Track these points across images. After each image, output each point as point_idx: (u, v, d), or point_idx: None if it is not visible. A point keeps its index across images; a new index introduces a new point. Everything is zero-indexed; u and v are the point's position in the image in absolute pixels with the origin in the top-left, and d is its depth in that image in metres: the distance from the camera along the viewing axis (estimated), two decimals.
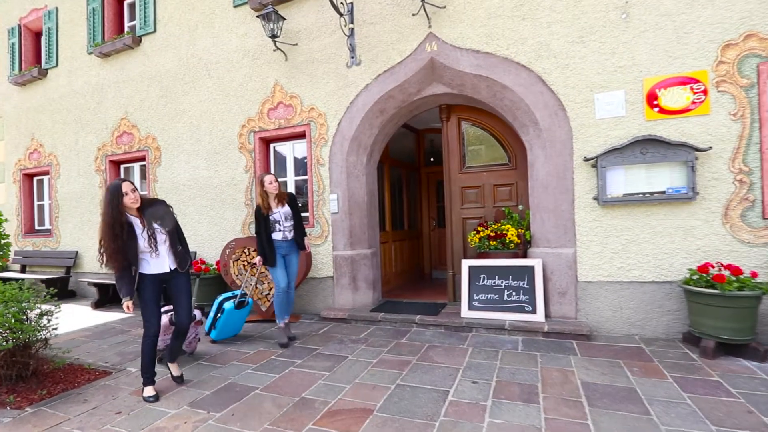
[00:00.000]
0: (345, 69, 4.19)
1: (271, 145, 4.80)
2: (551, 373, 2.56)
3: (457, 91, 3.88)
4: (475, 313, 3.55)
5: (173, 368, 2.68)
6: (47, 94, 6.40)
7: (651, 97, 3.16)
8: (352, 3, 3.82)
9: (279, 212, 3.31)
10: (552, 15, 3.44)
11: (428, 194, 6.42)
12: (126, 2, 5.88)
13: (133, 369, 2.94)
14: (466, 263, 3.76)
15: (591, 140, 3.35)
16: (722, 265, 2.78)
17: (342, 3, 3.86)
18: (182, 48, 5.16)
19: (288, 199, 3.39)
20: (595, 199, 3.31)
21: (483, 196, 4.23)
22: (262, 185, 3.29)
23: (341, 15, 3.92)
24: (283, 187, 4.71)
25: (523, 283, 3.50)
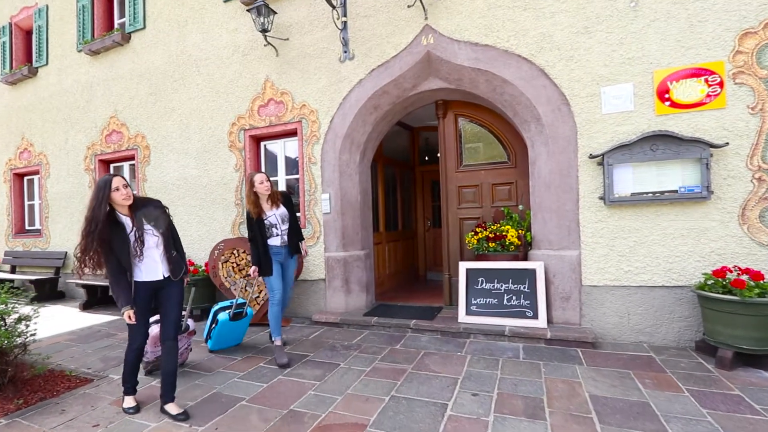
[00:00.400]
0: (338, 64, 4.02)
1: (262, 143, 4.63)
2: (556, 384, 2.37)
3: (454, 86, 3.70)
4: (474, 318, 3.36)
5: (171, 408, 2.18)
6: (37, 93, 6.27)
7: (662, 90, 2.97)
8: None
9: (274, 215, 3.00)
10: (555, 4, 3.25)
11: (423, 194, 6.23)
12: None
13: (116, 376, 2.77)
14: (463, 266, 3.57)
15: (597, 136, 3.16)
16: (740, 270, 2.58)
17: None
18: (172, 44, 5.00)
19: (283, 199, 3.09)
20: (601, 198, 3.12)
21: (481, 196, 4.04)
22: (252, 185, 2.94)
23: (334, 7, 3.75)
24: (274, 187, 4.55)
25: (524, 287, 3.31)
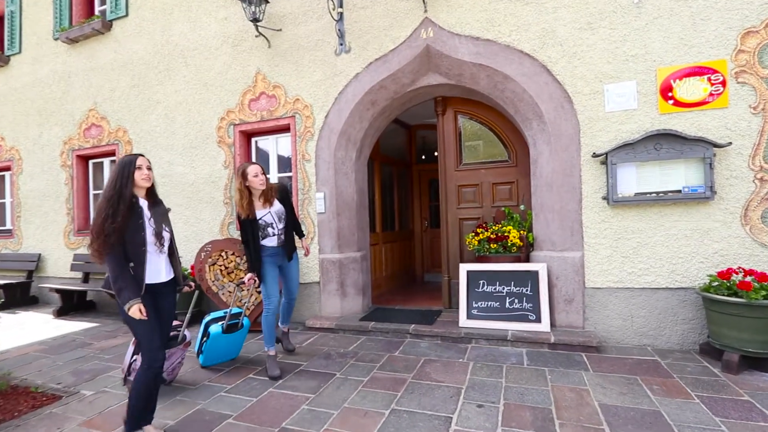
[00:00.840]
0: (333, 57, 3.86)
1: (253, 139, 4.43)
2: (564, 393, 2.28)
3: (454, 81, 3.59)
4: (475, 323, 3.25)
5: (149, 430, 1.93)
6: (9, 83, 5.88)
7: (665, 88, 2.92)
8: None
9: (269, 213, 2.69)
10: None
11: (420, 193, 6.12)
12: None
13: (88, 392, 2.55)
14: (464, 268, 3.46)
15: (600, 135, 3.09)
16: (744, 271, 2.55)
17: None
18: (156, 33, 4.75)
19: (279, 194, 2.76)
20: (605, 198, 3.06)
21: (481, 195, 3.95)
22: (245, 178, 2.58)
23: None
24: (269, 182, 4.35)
25: (527, 290, 3.22)
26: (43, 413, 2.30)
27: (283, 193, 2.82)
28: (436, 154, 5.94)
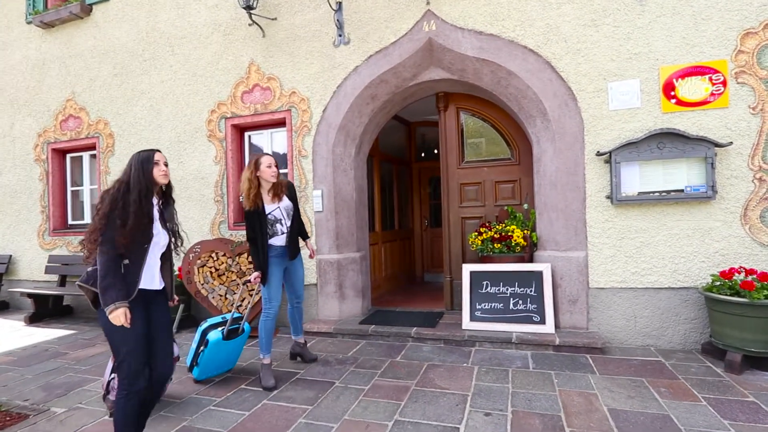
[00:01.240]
0: (332, 48, 3.72)
1: (246, 134, 4.23)
2: (572, 397, 2.23)
3: (457, 76, 3.51)
4: (478, 325, 3.19)
5: None
6: None
7: (668, 87, 2.91)
8: None
9: (278, 208, 2.54)
10: None
11: (420, 191, 6.03)
12: None
13: (59, 410, 2.32)
14: (467, 268, 3.39)
15: (603, 133, 3.07)
16: (745, 270, 2.56)
17: None
18: (141, 20, 4.48)
19: (288, 191, 2.63)
20: (608, 197, 3.04)
21: (483, 194, 3.88)
22: (257, 168, 2.45)
23: None
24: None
25: (531, 291, 3.17)
26: None
27: (291, 191, 2.70)
28: (437, 151, 5.88)
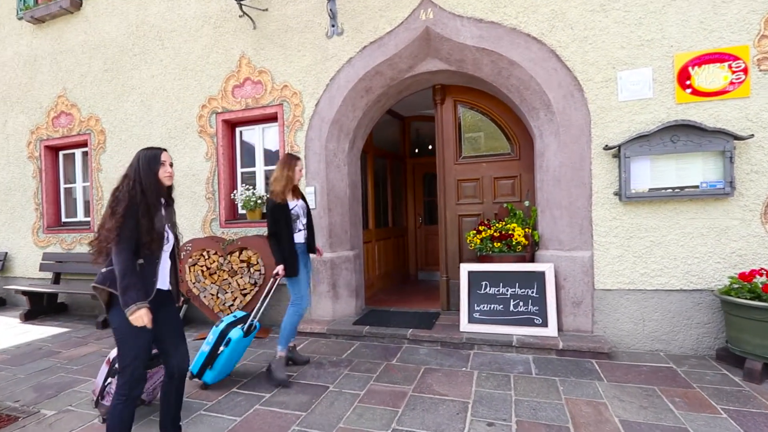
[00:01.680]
0: (324, 40, 3.56)
1: (237, 129, 4.10)
2: (580, 407, 2.08)
3: (455, 67, 3.33)
4: (477, 327, 3.04)
5: None
6: None
7: (683, 76, 2.72)
8: None
9: (297, 205, 2.65)
10: None
11: (414, 188, 5.87)
12: None
13: (49, 412, 2.25)
14: (465, 268, 3.24)
15: (612, 126, 2.88)
16: (766, 272, 2.38)
17: None
18: (131, 13, 4.36)
19: (300, 193, 2.78)
20: (617, 194, 2.86)
21: (482, 191, 3.72)
22: (290, 168, 2.57)
23: None
24: (252, 179, 4.06)
25: (532, 292, 3.02)
26: None
27: (301, 192, 2.80)
28: (431, 147, 5.72)
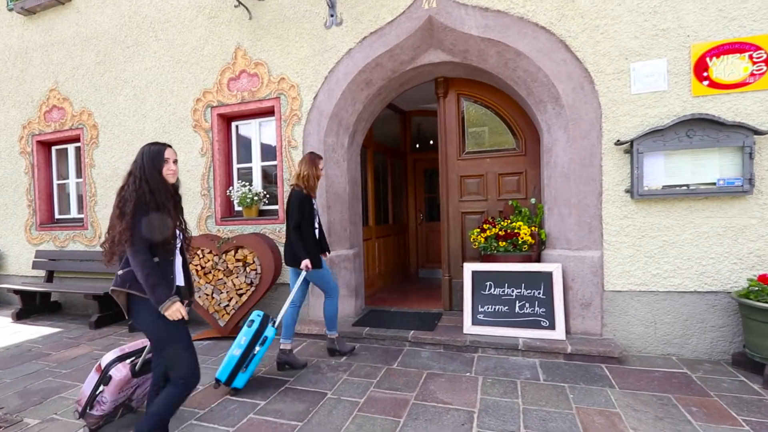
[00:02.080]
0: (323, 30, 3.42)
1: (233, 124, 3.97)
2: (591, 417, 1.96)
3: (459, 59, 3.20)
4: (481, 329, 2.93)
5: None
6: None
7: (700, 67, 2.58)
8: None
9: (316, 204, 2.82)
10: None
11: (415, 184, 5.74)
12: None
13: (32, 421, 2.13)
14: (468, 267, 3.12)
15: (624, 120, 2.75)
16: None
17: None
18: (123, 4, 4.21)
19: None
20: (628, 191, 2.73)
21: (486, 187, 3.59)
22: (316, 167, 2.73)
23: None
24: (249, 175, 3.94)
25: (539, 293, 2.90)
26: None
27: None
28: (432, 142, 5.57)
